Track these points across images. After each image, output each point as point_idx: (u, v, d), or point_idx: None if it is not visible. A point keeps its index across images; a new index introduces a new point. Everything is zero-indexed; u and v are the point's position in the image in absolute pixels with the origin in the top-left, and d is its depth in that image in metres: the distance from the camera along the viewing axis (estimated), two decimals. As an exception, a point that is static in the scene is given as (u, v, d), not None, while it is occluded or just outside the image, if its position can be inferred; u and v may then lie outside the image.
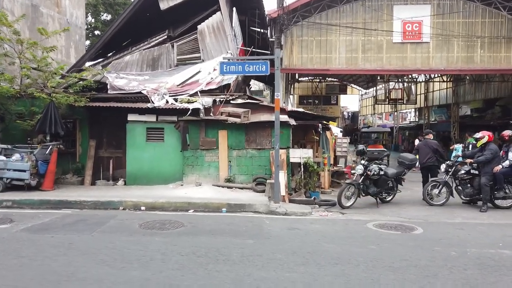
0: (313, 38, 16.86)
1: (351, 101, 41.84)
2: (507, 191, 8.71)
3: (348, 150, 14.22)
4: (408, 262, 4.98)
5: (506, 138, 9.11)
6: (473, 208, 8.88)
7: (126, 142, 10.56)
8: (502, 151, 8.92)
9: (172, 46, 13.86)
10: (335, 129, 15.18)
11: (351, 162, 14.03)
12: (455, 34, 16.07)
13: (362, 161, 9.09)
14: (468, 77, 20.67)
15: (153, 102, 10.61)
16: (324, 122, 12.89)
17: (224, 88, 12.13)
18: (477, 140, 9.05)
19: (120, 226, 6.74)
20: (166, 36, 14.05)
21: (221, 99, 10.99)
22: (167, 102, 10.72)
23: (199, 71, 12.50)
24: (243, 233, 6.43)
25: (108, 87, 11.49)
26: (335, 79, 28.27)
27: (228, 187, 9.90)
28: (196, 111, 10.48)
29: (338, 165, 13.13)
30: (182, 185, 10.13)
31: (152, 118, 10.60)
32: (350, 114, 43.97)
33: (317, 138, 11.25)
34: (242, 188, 9.88)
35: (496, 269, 4.72)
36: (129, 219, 7.21)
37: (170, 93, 11.14)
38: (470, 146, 12.10)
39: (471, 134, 17.60)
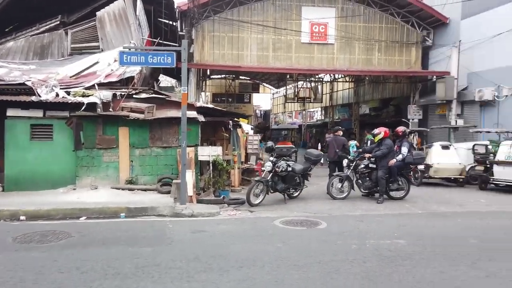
0: (225, 34, 16.58)
1: (263, 99, 42.79)
2: (400, 183, 9.40)
3: (259, 147, 14.24)
4: (313, 259, 4.90)
5: (400, 133, 9.85)
6: (372, 200, 9.39)
7: (4, 142, 9.02)
8: (396, 146, 9.59)
9: (66, 33, 12.43)
10: (246, 127, 15.10)
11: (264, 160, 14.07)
12: (356, 37, 17.13)
13: (271, 158, 9.02)
14: (367, 78, 22.32)
15: (39, 95, 9.25)
16: (235, 119, 12.67)
17: (127, 81, 11.19)
18: (374, 136, 9.60)
19: (-12, 242, 5.62)
20: (59, 22, 12.55)
21: (123, 93, 10.05)
22: (57, 95, 9.45)
23: (97, 62, 11.36)
24: (141, 240, 5.80)
25: (-18, 76, 9.76)
26: (248, 78, 28.48)
27: (130, 190, 9.06)
28: (92, 106, 9.39)
29: (249, 163, 13.03)
30: (74, 189, 9.00)
31: (39, 113, 9.22)
32: (262, 113, 44.95)
33: (227, 135, 10.96)
34: (145, 190, 9.12)
35: (392, 260, 4.87)
36: (1, 232, 6.06)
37: (61, 85, 9.88)
38: (369, 142, 12.94)
39: (369, 131, 19.08)
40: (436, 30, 17.56)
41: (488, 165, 11.10)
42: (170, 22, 18.95)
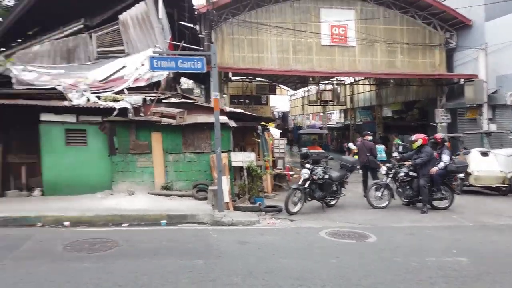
0: (244, 36, 16.32)
1: (280, 101, 42.33)
2: (443, 192, 8.98)
3: (285, 151, 14.01)
4: (374, 279, 4.62)
5: (439, 141, 9.50)
6: (414, 209, 9.01)
7: (40, 146, 8.98)
8: (436, 153, 9.25)
9: (90, 37, 12.26)
10: (274, 131, 14.82)
11: (289, 163, 13.85)
12: (378, 39, 16.74)
13: (307, 165, 8.78)
14: (392, 81, 21.89)
15: (71, 100, 9.15)
16: (263, 123, 12.47)
17: (154, 85, 11.05)
18: (412, 142, 9.28)
19: (40, 249, 5.55)
20: (82, 25, 12.38)
21: (152, 98, 9.92)
22: (88, 100, 9.35)
23: (124, 66, 11.22)
24: (189, 251, 5.62)
25: (14, 81, 9.71)
26: (266, 80, 28.20)
27: (166, 195, 8.93)
28: (123, 111, 9.28)
29: (277, 167, 12.81)
30: (111, 194, 8.92)
31: (72, 118, 9.16)
32: (280, 114, 44.50)
33: (258, 140, 10.75)
34: (181, 196, 8.97)
35: (462, 281, 4.55)
36: (50, 239, 6.01)
37: (91, 90, 9.78)
38: (400, 147, 12.56)
39: (397, 135, 18.69)
40: (460, 32, 17.13)
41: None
42: (192, 25, 18.82)
